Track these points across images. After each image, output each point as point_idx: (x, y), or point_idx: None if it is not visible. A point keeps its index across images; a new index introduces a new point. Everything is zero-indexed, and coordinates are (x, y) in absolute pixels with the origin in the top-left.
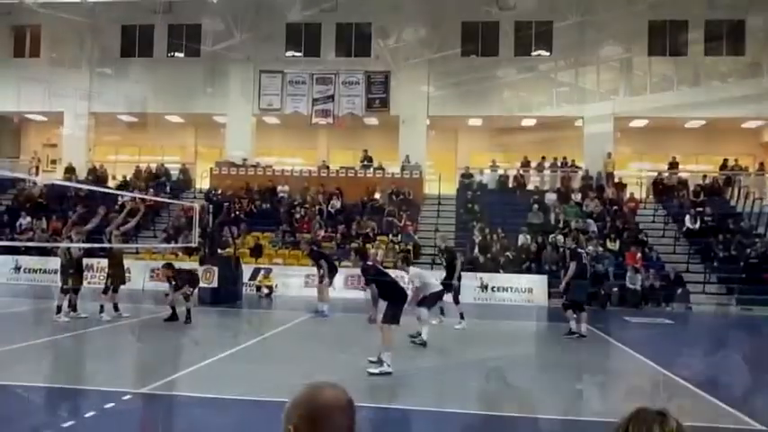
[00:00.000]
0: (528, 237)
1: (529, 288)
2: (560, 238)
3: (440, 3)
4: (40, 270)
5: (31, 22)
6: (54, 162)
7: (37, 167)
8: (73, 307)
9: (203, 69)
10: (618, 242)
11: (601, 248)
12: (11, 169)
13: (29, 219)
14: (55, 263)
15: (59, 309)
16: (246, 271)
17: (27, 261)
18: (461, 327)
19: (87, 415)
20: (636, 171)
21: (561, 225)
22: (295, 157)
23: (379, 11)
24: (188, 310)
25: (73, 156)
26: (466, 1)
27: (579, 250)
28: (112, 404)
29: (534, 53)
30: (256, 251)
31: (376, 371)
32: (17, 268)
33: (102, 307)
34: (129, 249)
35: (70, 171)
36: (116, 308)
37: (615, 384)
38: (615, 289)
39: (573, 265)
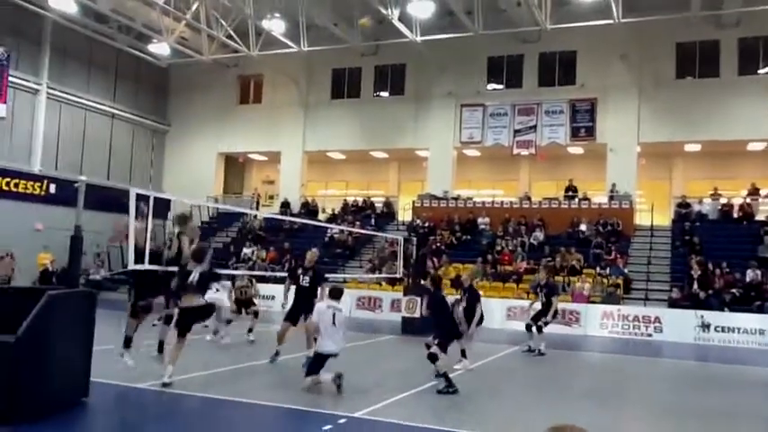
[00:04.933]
0: (758, 272)
1: (760, 329)
2: None
3: (650, 25)
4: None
5: (254, 71)
6: (272, 197)
7: (257, 202)
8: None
9: (407, 107)
10: None
11: None
12: (236, 204)
13: (251, 249)
14: (271, 290)
15: (216, 332)
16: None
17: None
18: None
19: None
20: None
21: None
22: (495, 188)
23: (583, 38)
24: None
25: (288, 191)
26: (680, 21)
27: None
28: (329, 426)
29: (762, 71)
30: (457, 282)
31: None
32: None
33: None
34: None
35: (285, 206)
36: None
37: None
38: None
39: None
